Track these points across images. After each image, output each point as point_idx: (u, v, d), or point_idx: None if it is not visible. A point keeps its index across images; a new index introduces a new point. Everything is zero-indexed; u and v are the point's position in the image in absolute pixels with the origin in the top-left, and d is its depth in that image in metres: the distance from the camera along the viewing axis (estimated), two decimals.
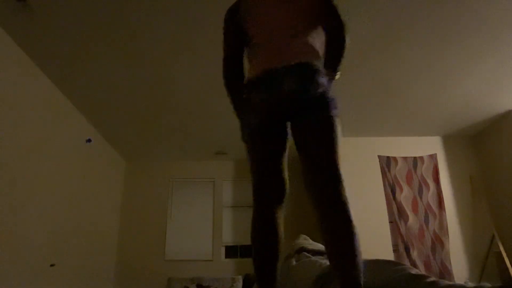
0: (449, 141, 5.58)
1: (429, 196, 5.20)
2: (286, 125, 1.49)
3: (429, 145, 5.52)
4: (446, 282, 1.44)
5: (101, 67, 3.65)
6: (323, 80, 1.40)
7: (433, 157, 5.41)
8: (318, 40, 1.51)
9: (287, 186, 1.48)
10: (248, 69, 1.57)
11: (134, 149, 5.86)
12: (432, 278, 1.49)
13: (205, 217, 6.18)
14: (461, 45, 3.48)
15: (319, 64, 1.45)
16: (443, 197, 5.18)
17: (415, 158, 5.39)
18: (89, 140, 4.74)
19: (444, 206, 5.14)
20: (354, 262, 1.21)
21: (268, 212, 1.42)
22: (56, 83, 3.91)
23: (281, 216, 1.45)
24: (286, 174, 1.49)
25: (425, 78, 4.03)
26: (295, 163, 1.60)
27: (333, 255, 1.26)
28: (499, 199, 5.02)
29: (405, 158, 5.39)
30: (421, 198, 5.19)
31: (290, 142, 1.53)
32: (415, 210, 5.12)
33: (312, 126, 1.37)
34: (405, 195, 5.19)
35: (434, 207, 5.15)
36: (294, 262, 2.32)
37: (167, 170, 6.40)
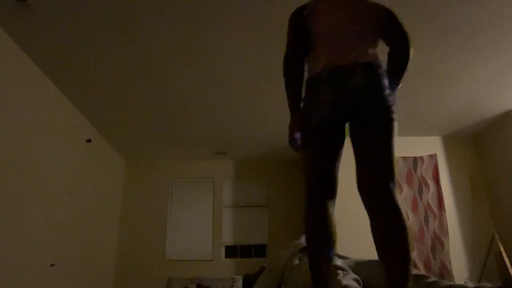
0: (449, 141, 5.58)
1: (429, 196, 5.20)
2: (345, 125, 1.50)
3: (429, 145, 5.53)
4: (447, 282, 1.44)
5: (101, 67, 3.65)
6: (387, 82, 1.45)
7: (433, 157, 5.41)
8: (376, 49, 1.56)
9: (337, 186, 1.53)
10: (310, 67, 1.58)
11: (134, 149, 5.86)
12: (433, 278, 1.50)
13: (205, 217, 6.18)
14: (461, 46, 3.48)
15: (383, 68, 1.49)
16: (443, 197, 5.18)
17: (415, 158, 5.39)
18: (89, 140, 4.74)
19: (444, 206, 5.14)
20: (405, 268, 1.24)
21: (324, 208, 1.44)
22: (56, 83, 3.91)
23: (333, 212, 1.48)
24: (338, 175, 1.54)
25: (425, 78, 4.03)
26: (295, 164, 1.60)
27: (385, 258, 1.28)
28: (499, 199, 5.02)
29: (405, 158, 5.39)
30: (421, 198, 5.19)
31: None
32: (415, 210, 5.12)
33: (374, 126, 1.40)
34: (405, 195, 5.19)
35: (434, 207, 5.15)
36: (296, 261, 2.32)
37: (167, 170, 6.40)
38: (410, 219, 5.05)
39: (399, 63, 1.58)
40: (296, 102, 1.58)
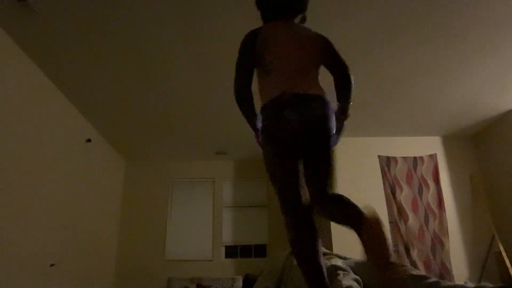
0: (449, 141, 5.58)
1: (429, 196, 5.20)
2: (302, 144, 1.65)
3: (429, 145, 5.53)
4: (447, 282, 1.44)
5: (101, 67, 3.65)
6: (333, 116, 1.66)
7: (433, 157, 5.41)
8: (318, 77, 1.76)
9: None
10: (265, 90, 1.73)
11: (134, 149, 5.86)
12: (433, 279, 1.50)
13: (205, 217, 6.18)
14: (461, 45, 3.48)
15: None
16: (443, 197, 5.18)
17: (415, 158, 5.39)
18: (89, 140, 4.74)
19: (444, 206, 5.14)
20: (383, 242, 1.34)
21: (309, 211, 1.58)
22: (56, 83, 3.91)
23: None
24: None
25: (425, 78, 4.03)
26: None
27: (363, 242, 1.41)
28: (499, 199, 5.02)
29: (405, 158, 5.39)
30: (421, 198, 5.19)
31: None
32: (415, 210, 5.12)
33: (322, 152, 1.60)
34: (405, 195, 5.19)
35: (434, 207, 5.15)
36: (296, 262, 2.33)
37: (167, 170, 6.40)
38: (410, 219, 5.05)
39: (345, 89, 1.76)
40: (256, 121, 1.75)
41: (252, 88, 1.80)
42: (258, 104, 1.72)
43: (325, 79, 1.92)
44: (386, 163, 5.35)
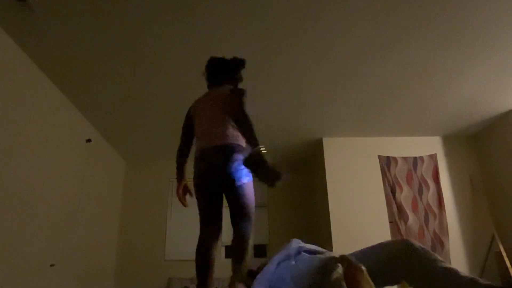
0: (449, 141, 5.58)
1: (429, 196, 5.20)
2: (221, 185, 2.17)
3: (429, 145, 5.52)
4: (463, 273, 1.48)
5: (101, 67, 3.65)
6: (239, 156, 2.11)
7: (433, 157, 5.41)
8: (234, 128, 2.18)
9: (221, 223, 2.33)
10: (195, 148, 2.31)
11: (134, 149, 5.86)
12: (448, 265, 1.55)
13: None
14: (461, 45, 3.48)
15: (238, 144, 2.15)
16: (443, 197, 5.18)
17: (415, 158, 5.39)
18: (89, 140, 4.74)
19: (444, 206, 5.14)
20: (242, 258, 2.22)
21: (214, 242, 2.31)
22: (56, 83, 3.91)
23: (217, 246, 2.37)
24: (221, 221, 2.31)
25: (425, 78, 4.03)
26: (294, 165, 1.78)
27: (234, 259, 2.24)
28: (499, 199, 5.02)
29: (405, 158, 5.39)
30: (421, 198, 5.19)
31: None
32: (415, 210, 5.12)
33: (231, 189, 2.14)
34: (405, 195, 5.19)
35: (434, 207, 5.15)
36: (293, 263, 2.33)
37: (167, 170, 6.36)
38: (410, 219, 5.05)
39: (245, 134, 2.14)
40: (181, 175, 2.43)
41: None
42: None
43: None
44: (386, 163, 5.35)
